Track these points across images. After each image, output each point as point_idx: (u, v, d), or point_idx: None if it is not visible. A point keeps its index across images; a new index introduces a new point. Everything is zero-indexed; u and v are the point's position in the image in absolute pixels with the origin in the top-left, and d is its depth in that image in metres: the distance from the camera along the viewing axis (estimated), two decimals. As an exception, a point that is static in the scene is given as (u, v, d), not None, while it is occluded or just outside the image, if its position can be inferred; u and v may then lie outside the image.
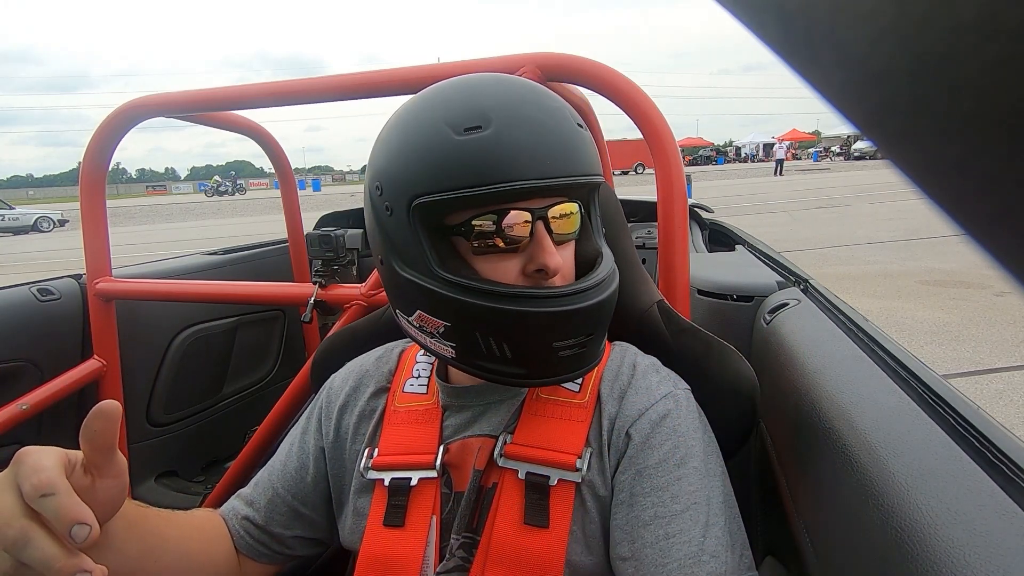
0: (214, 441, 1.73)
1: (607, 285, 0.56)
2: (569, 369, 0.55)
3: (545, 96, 0.55)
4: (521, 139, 0.50)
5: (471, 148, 0.49)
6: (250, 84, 1.12)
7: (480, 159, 0.49)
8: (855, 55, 0.12)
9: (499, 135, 0.49)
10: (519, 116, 0.50)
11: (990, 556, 0.35)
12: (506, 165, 0.49)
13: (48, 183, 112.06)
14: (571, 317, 0.52)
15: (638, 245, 1.58)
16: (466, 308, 0.52)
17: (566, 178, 0.52)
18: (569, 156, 0.52)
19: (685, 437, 0.56)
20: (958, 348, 3.28)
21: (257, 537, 0.66)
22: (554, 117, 0.53)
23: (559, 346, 0.53)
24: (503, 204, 0.52)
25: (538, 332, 0.52)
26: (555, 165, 0.51)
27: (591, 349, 0.56)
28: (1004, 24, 0.09)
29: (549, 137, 0.51)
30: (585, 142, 0.55)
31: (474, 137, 0.49)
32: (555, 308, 0.52)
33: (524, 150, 0.49)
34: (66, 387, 1.27)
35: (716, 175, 26.61)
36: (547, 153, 0.51)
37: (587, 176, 0.54)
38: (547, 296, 0.52)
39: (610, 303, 0.56)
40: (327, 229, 1.45)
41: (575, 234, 0.58)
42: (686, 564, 0.50)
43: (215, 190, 34.29)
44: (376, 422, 0.66)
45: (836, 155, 36.53)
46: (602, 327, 0.57)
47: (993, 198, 0.11)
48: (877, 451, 0.48)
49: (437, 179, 0.50)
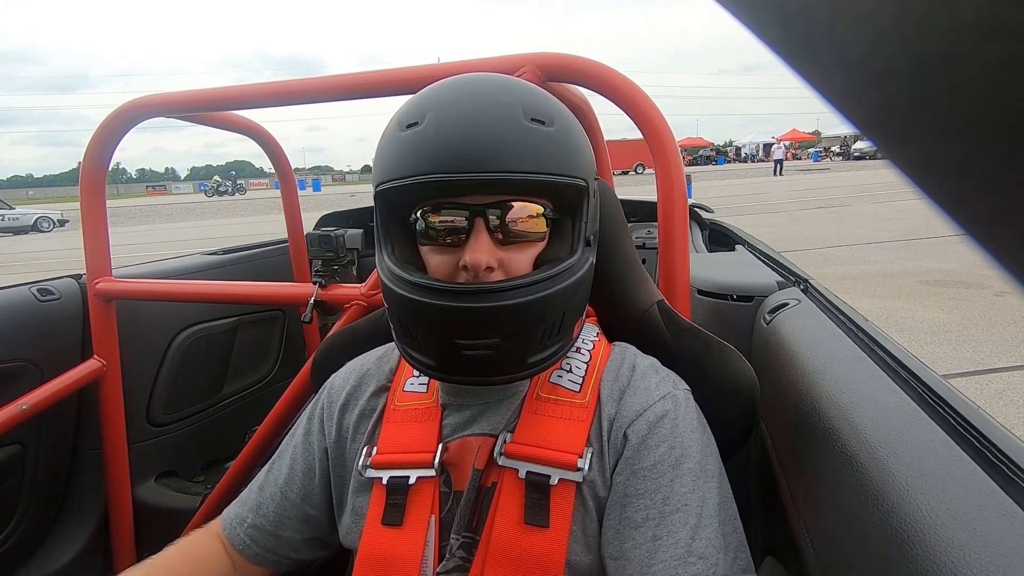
0: (214, 441, 1.73)
1: (523, 293, 0.52)
2: (474, 371, 0.54)
3: (492, 91, 0.53)
4: (447, 135, 0.51)
5: (407, 142, 0.53)
6: (250, 84, 1.12)
7: (411, 153, 0.52)
8: (855, 55, 0.12)
9: (428, 130, 0.51)
10: (451, 112, 0.52)
11: (990, 556, 0.35)
12: (430, 159, 0.51)
13: (48, 183, 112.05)
14: (460, 315, 0.51)
15: (638, 245, 1.58)
16: (388, 292, 0.55)
17: (490, 174, 0.50)
18: (502, 153, 0.50)
19: (682, 438, 0.56)
20: (958, 348, 3.28)
21: (264, 544, 0.66)
22: (491, 113, 0.51)
23: (462, 344, 0.52)
24: (445, 198, 0.54)
25: (435, 326, 0.53)
26: (480, 161, 0.50)
27: (504, 356, 0.53)
28: (1004, 24, 0.09)
29: (478, 133, 0.50)
30: (535, 139, 0.52)
31: (411, 132, 0.52)
32: (441, 302, 0.51)
33: (448, 145, 0.51)
34: (66, 387, 1.27)
35: (716, 175, 26.60)
36: (472, 149, 0.50)
37: (521, 174, 0.51)
38: (439, 290, 0.52)
39: (524, 311, 0.52)
40: (327, 229, 1.45)
41: (536, 235, 0.56)
42: (672, 566, 0.50)
43: (215, 190, 34.27)
44: (376, 420, 0.66)
45: (836, 155, 36.53)
46: (515, 335, 0.53)
47: (993, 198, 0.11)
48: (877, 451, 0.48)
49: (385, 171, 0.54)
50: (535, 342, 0.54)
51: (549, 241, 0.58)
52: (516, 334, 0.53)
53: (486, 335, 0.52)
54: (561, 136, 0.54)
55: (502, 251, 0.54)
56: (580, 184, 0.56)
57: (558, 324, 0.55)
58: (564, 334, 0.57)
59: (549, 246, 0.57)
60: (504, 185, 0.52)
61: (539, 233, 0.56)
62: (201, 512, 1.34)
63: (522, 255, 0.55)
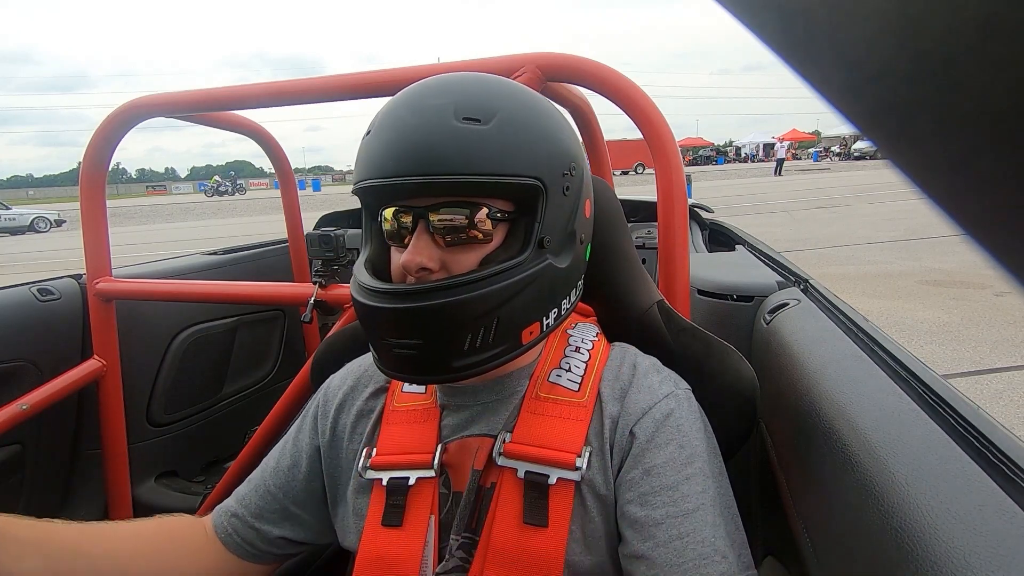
0: (214, 441, 1.73)
1: (441, 295, 0.51)
2: (403, 369, 0.55)
3: (428, 96, 0.53)
4: (383, 140, 0.53)
5: (362, 149, 0.56)
6: (250, 84, 1.12)
7: (363, 158, 0.55)
8: (855, 55, 0.12)
9: (372, 136, 0.54)
10: (390, 118, 0.54)
11: (990, 556, 0.35)
12: (371, 165, 0.53)
13: (48, 183, 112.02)
14: (382, 315, 0.53)
15: (638, 245, 1.58)
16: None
17: (415, 177, 0.50)
18: (427, 155, 0.50)
19: (689, 436, 0.56)
20: (958, 348, 3.28)
21: (244, 535, 0.66)
22: (420, 117, 0.51)
23: (391, 343, 0.53)
24: (393, 201, 0.56)
25: (368, 324, 0.56)
26: (408, 165, 0.51)
27: (426, 357, 0.53)
28: (1004, 24, 0.09)
29: (406, 137, 0.51)
30: (465, 138, 0.51)
31: (365, 140, 0.55)
32: (368, 302, 0.53)
33: (383, 151, 0.52)
34: (66, 387, 1.27)
35: (716, 175, 26.60)
36: (400, 153, 0.51)
37: (446, 176, 0.50)
38: (369, 290, 0.54)
39: (441, 313, 0.51)
40: (327, 229, 1.45)
41: (479, 238, 0.54)
42: (700, 564, 0.50)
43: (215, 190, 34.23)
44: (374, 422, 0.66)
45: (836, 155, 36.52)
46: (436, 336, 0.52)
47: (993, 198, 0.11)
48: (877, 451, 0.48)
49: (355, 173, 0.57)
50: (460, 345, 0.53)
51: (504, 242, 0.55)
52: (436, 336, 0.52)
53: (407, 335, 0.53)
54: (499, 134, 0.52)
55: (446, 252, 0.54)
56: (526, 182, 0.53)
57: (491, 329, 0.53)
58: (504, 339, 0.54)
59: (501, 247, 0.55)
60: (437, 187, 0.52)
61: (481, 234, 0.54)
62: (201, 512, 1.33)
63: (466, 256, 0.54)
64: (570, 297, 0.61)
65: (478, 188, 0.52)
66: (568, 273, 0.59)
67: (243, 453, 1.30)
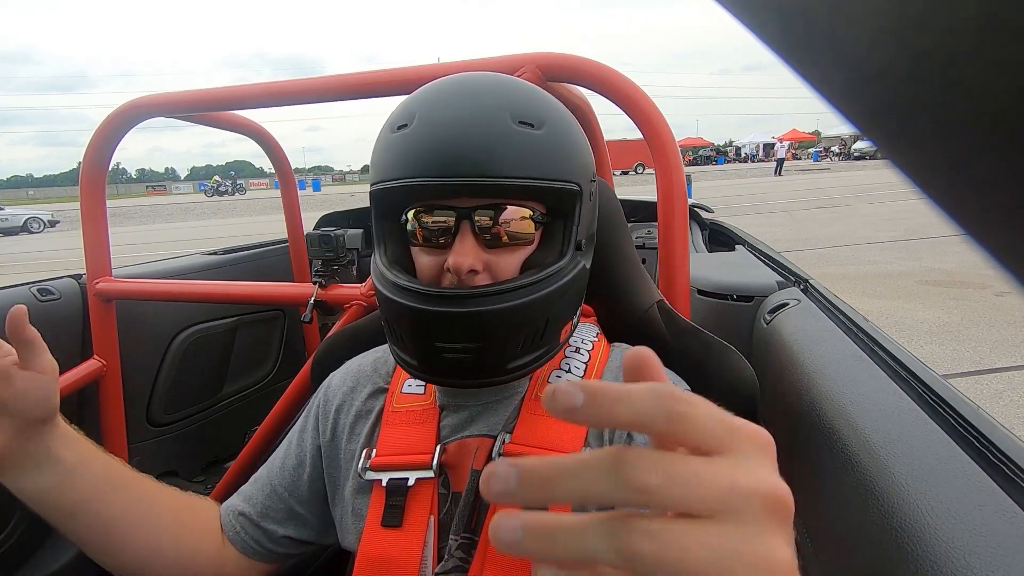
0: (214, 441, 1.73)
1: (504, 299, 0.51)
2: (452, 374, 0.54)
3: (481, 94, 0.53)
4: (433, 137, 0.51)
5: (396, 145, 0.53)
6: (250, 84, 1.12)
7: (399, 155, 0.53)
8: (855, 55, 0.12)
9: (415, 132, 0.52)
10: (437, 115, 0.52)
11: (990, 556, 0.35)
12: (415, 162, 0.51)
13: (48, 183, 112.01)
14: (437, 319, 0.51)
15: (638, 245, 1.58)
16: (377, 293, 0.56)
17: (474, 179, 0.50)
18: (487, 157, 0.50)
19: None
20: (958, 348, 3.29)
21: (251, 533, 0.66)
22: (477, 116, 0.51)
23: (442, 347, 0.52)
24: (432, 200, 0.54)
25: (415, 328, 0.53)
26: (465, 165, 0.50)
27: (483, 361, 0.53)
28: (1004, 24, 0.09)
29: (463, 136, 0.50)
30: (522, 142, 0.51)
31: (400, 134, 0.53)
32: (420, 306, 0.51)
33: (433, 148, 0.51)
34: (66, 387, 1.26)
35: (716, 175, 26.61)
36: (457, 152, 0.50)
37: (506, 179, 0.50)
38: (419, 293, 0.52)
39: (504, 316, 0.51)
40: (327, 229, 1.44)
41: (523, 238, 0.55)
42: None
43: (215, 190, 34.21)
44: (373, 422, 0.66)
45: (836, 155, 36.51)
46: (494, 340, 0.52)
47: (993, 198, 0.11)
48: (877, 451, 0.48)
49: (377, 171, 0.55)
50: (515, 347, 0.54)
51: (540, 244, 0.57)
52: (494, 339, 0.52)
53: (463, 339, 0.52)
54: (551, 139, 0.53)
55: (489, 254, 0.54)
56: (571, 188, 0.55)
57: (541, 330, 0.54)
58: (549, 339, 0.56)
59: (539, 250, 0.56)
60: (490, 189, 0.51)
61: (526, 237, 0.55)
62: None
63: (509, 258, 0.55)
64: (584, 295, 0.63)
65: (526, 191, 0.53)
66: (588, 272, 0.61)
67: (243, 453, 1.30)
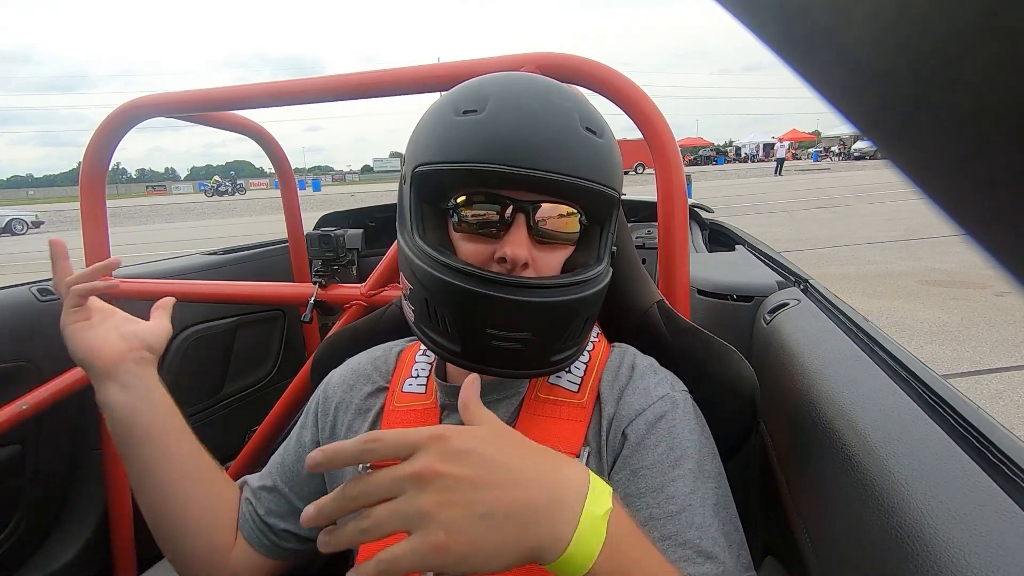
0: (214, 441, 1.72)
1: (561, 292, 0.53)
2: (501, 363, 0.54)
3: (553, 93, 0.55)
4: (508, 126, 0.51)
5: (463, 127, 0.52)
6: (250, 84, 1.12)
7: (468, 138, 0.52)
8: (855, 55, 0.12)
9: (489, 119, 0.51)
10: (515, 105, 0.52)
11: (990, 556, 0.35)
12: (487, 148, 0.51)
13: (48, 183, 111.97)
14: (498, 304, 0.51)
15: (638, 245, 1.58)
16: (420, 272, 0.54)
17: (548, 174, 0.51)
18: (559, 154, 0.51)
19: (680, 438, 0.56)
20: (958, 348, 3.29)
21: (257, 525, 0.67)
22: (554, 113, 0.53)
23: (493, 334, 0.52)
24: (490, 188, 0.53)
25: (468, 312, 0.52)
26: (539, 159, 0.50)
27: (531, 351, 0.54)
28: (1004, 24, 0.09)
29: (541, 131, 0.51)
30: (589, 147, 0.54)
31: (468, 118, 0.52)
32: (481, 290, 0.51)
33: (507, 137, 0.51)
34: (66, 387, 1.27)
35: (716, 175, 26.61)
36: (532, 145, 0.51)
37: (577, 178, 0.52)
38: (479, 277, 0.51)
39: (558, 310, 0.53)
40: (327, 229, 1.44)
41: (569, 238, 0.57)
42: (680, 566, 0.50)
43: (215, 190, 34.19)
44: (373, 420, 0.66)
45: (836, 155, 36.51)
46: (546, 332, 0.54)
47: (993, 197, 0.11)
48: (877, 451, 0.48)
49: (432, 152, 0.54)
50: (561, 341, 0.55)
51: (580, 247, 0.59)
52: (547, 331, 0.54)
53: (519, 328, 0.52)
54: (608, 148, 0.56)
55: (536, 250, 0.55)
56: (616, 196, 0.58)
57: (580, 327, 0.57)
58: (583, 337, 0.59)
59: (577, 252, 0.58)
60: (553, 185, 0.52)
61: (572, 237, 0.58)
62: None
63: (553, 256, 0.56)
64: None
65: (583, 193, 0.55)
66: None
67: (243, 453, 1.30)
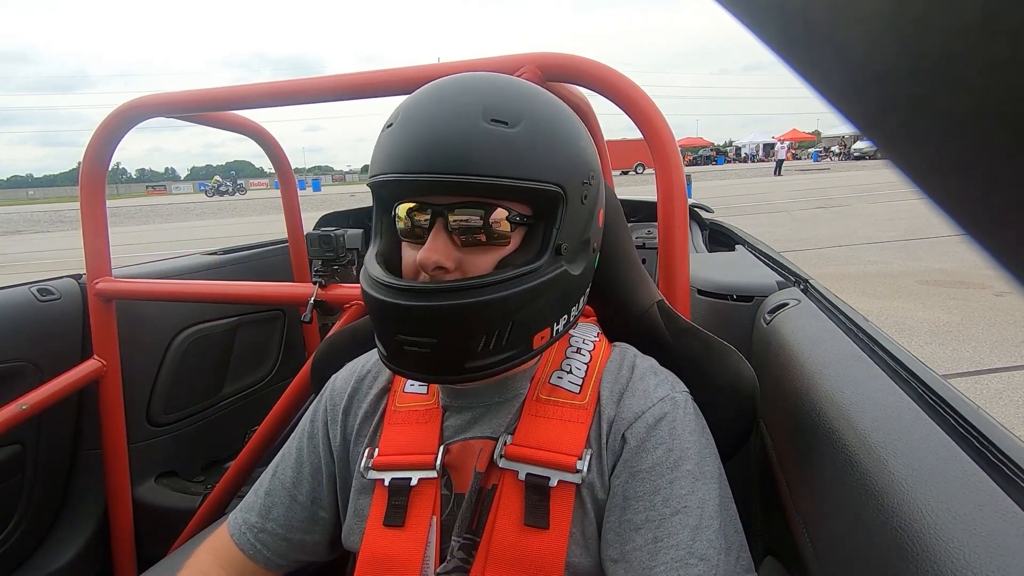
0: (214, 441, 1.73)
1: (458, 296, 0.51)
2: (411, 367, 0.54)
3: (459, 91, 0.53)
4: (407, 134, 0.52)
5: (382, 141, 0.55)
6: (250, 84, 1.12)
7: (381, 152, 0.54)
8: (855, 55, 0.12)
9: (397, 129, 0.53)
10: (416, 112, 0.53)
11: (990, 556, 0.35)
12: (393, 158, 0.52)
13: (48, 183, 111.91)
14: (397, 312, 0.52)
15: (638, 245, 1.58)
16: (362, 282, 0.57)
17: (440, 175, 0.50)
18: (456, 153, 0.50)
19: (680, 440, 0.56)
20: (958, 348, 3.28)
21: (275, 548, 0.66)
22: (449, 114, 0.51)
23: (403, 340, 0.53)
24: (414, 196, 0.55)
25: (381, 319, 0.55)
26: (433, 162, 0.50)
27: (442, 356, 0.52)
28: (1004, 25, 0.09)
29: (438, 133, 0.51)
30: (493, 139, 0.50)
31: (386, 132, 0.55)
32: (382, 298, 0.52)
33: (407, 146, 0.52)
34: (66, 387, 1.27)
35: (716, 175, 26.60)
36: (426, 150, 0.50)
37: (471, 176, 0.50)
38: (384, 285, 0.53)
39: (455, 315, 0.51)
40: (327, 229, 1.44)
41: (497, 240, 0.54)
42: (673, 567, 0.50)
43: (216, 190, 34.18)
44: (377, 422, 0.66)
45: (836, 155, 36.51)
46: (450, 336, 0.52)
47: (993, 198, 0.11)
48: (877, 451, 0.48)
49: (372, 167, 0.56)
50: (474, 346, 0.53)
51: (520, 246, 0.55)
52: (450, 335, 0.52)
53: (420, 333, 0.52)
54: (526, 137, 0.52)
55: (462, 252, 0.54)
56: (548, 189, 0.53)
57: (505, 332, 0.53)
58: (516, 343, 0.54)
59: (518, 251, 0.55)
60: (455, 186, 0.51)
61: (499, 237, 0.54)
62: (201, 512, 1.34)
63: (483, 258, 0.54)
64: (579, 304, 0.62)
65: (502, 191, 0.52)
66: (580, 281, 0.59)
67: (243, 453, 1.30)
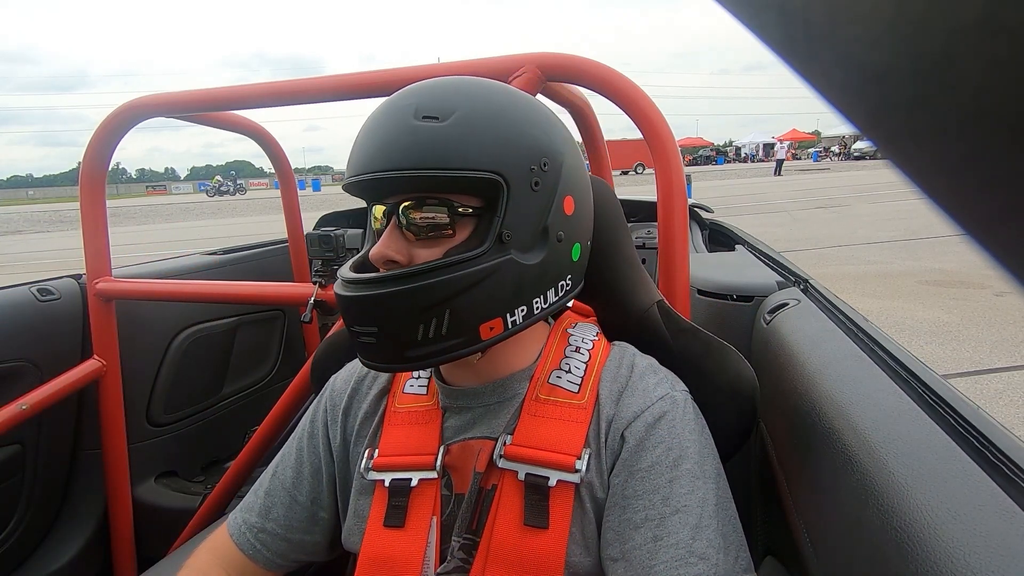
0: (214, 441, 1.73)
1: (383, 286, 0.53)
2: (365, 357, 0.57)
3: (399, 98, 0.56)
4: (357, 142, 0.56)
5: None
6: (250, 84, 1.12)
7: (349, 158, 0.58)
8: (855, 55, 0.12)
9: (356, 137, 0.57)
10: (367, 122, 0.56)
11: (990, 556, 0.35)
12: (349, 163, 0.57)
13: (48, 183, 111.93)
14: (344, 302, 0.56)
15: (638, 245, 1.58)
16: None
17: (376, 174, 0.53)
18: (388, 151, 0.53)
19: (680, 439, 0.56)
20: (958, 348, 3.28)
21: (276, 548, 0.66)
22: (391, 114, 0.54)
23: (356, 331, 0.56)
24: (369, 198, 0.59)
25: (340, 311, 0.58)
26: (374, 162, 0.53)
27: (384, 345, 0.54)
28: (1004, 24, 0.09)
29: (377, 135, 0.54)
30: (420, 135, 0.52)
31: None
32: (336, 290, 0.57)
33: (353, 152, 0.56)
34: (66, 387, 1.27)
35: (716, 175, 26.60)
36: (368, 151, 0.54)
37: (392, 172, 0.52)
38: (341, 279, 0.57)
39: (385, 303, 0.53)
40: (327, 229, 1.45)
41: (439, 232, 0.55)
42: (672, 566, 0.50)
43: (217, 190, 34.17)
44: (377, 423, 0.66)
45: (836, 155, 36.51)
46: (388, 325, 0.53)
47: (993, 198, 0.11)
48: (877, 451, 0.48)
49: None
50: (412, 335, 0.53)
51: (469, 236, 0.55)
52: (385, 324, 0.54)
53: (362, 323, 0.55)
54: (457, 129, 0.52)
55: (414, 246, 0.56)
56: (484, 177, 0.52)
57: (443, 320, 0.53)
58: (458, 332, 0.54)
59: (464, 242, 0.55)
60: (393, 183, 0.54)
61: (441, 228, 0.55)
62: (201, 512, 1.34)
63: (430, 250, 0.55)
64: (547, 297, 0.58)
65: (435, 183, 0.54)
66: (541, 270, 0.57)
67: (243, 453, 1.30)
